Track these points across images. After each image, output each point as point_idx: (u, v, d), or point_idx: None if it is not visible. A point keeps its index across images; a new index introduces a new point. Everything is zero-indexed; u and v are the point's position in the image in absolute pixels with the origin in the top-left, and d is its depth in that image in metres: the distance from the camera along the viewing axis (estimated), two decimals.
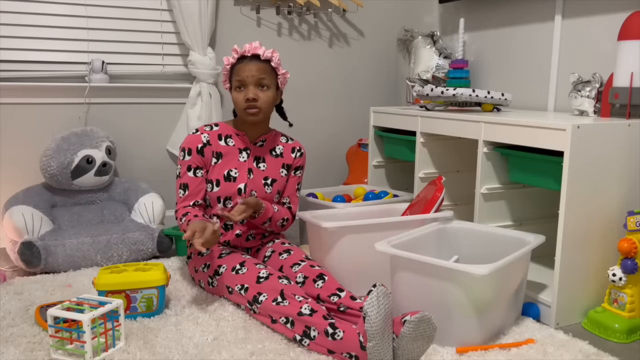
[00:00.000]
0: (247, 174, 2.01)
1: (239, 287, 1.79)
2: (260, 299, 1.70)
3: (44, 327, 1.68)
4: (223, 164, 2.00)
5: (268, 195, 2.04)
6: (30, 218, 2.21)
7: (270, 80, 1.95)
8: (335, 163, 3.23)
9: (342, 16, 3.10)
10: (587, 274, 1.83)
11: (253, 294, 1.73)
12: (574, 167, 1.73)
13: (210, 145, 1.99)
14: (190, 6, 2.61)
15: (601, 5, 2.19)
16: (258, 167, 2.03)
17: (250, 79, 1.91)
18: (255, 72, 1.91)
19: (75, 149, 2.37)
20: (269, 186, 2.03)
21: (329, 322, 1.54)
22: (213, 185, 1.98)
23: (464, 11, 2.88)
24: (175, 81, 2.81)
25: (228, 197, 1.99)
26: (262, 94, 1.94)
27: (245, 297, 1.76)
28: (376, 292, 1.41)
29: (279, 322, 1.64)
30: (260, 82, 1.93)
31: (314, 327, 1.56)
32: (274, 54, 1.95)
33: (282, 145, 2.10)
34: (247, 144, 2.05)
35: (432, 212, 2.04)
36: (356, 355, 1.47)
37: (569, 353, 1.60)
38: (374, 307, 1.40)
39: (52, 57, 2.55)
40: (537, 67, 2.49)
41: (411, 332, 1.42)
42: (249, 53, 1.93)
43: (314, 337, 1.55)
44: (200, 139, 1.99)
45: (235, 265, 1.84)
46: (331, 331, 1.52)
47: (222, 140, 2.02)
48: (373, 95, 3.26)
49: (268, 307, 1.67)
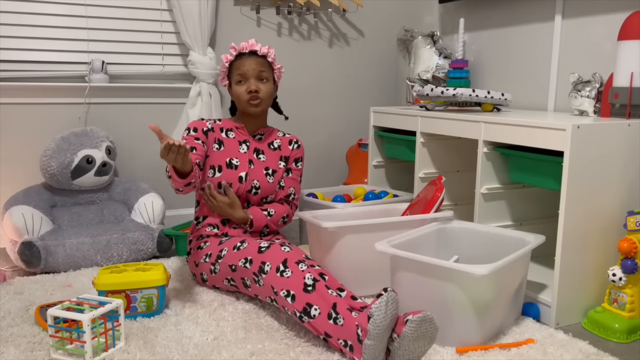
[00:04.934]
0: (248, 164, 2.07)
1: (243, 261, 1.80)
2: (265, 268, 1.72)
3: (44, 327, 1.68)
4: (224, 152, 2.06)
5: (270, 185, 2.09)
6: (30, 218, 2.21)
7: (268, 74, 2.06)
8: (335, 163, 3.23)
9: (342, 16, 3.11)
10: (587, 274, 1.83)
11: (258, 264, 1.75)
12: (574, 167, 1.73)
13: (213, 131, 2.09)
14: (190, 6, 2.61)
15: (601, 5, 2.19)
16: (258, 158, 2.10)
17: (251, 72, 2.01)
18: (255, 66, 2.02)
19: (75, 149, 2.37)
20: (270, 176, 2.09)
21: (333, 301, 1.55)
22: (215, 171, 2.04)
23: (464, 11, 2.88)
24: (175, 81, 2.81)
25: (229, 184, 2.04)
26: (262, 86, 2.04)
27: (251, 269, 1.77)
28: (386, 297, 1.42)
29: (280, 295, 1.65)
30: (260, 75, 2.03)
31: (316, 306, 1.56)
32: (270, 50, 2.06)
33: (279, 139, 2.18)
34: (246, 137, 2.12)
35: (432, 212, 2.04)
36: (351, 345, 1.48)
37: (569, 353, 1.60)
38: (382, 311, 1.41)
39: (52, 57, 2.55)
40: (537, 67, 2.49)
41: (413, 331, 1.42)
42: (247, 49, 2.04)
43: (314, 316, 1.56)
44: (205, 124, 2.09)
45: (236, 244, 1.87)
46: (334, 315, 1.53)
47: (223, 133, 2.11)
48: (373, 95, 3.26)
49: (272, 278, 1.69)
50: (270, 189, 2.09)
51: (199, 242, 2.05)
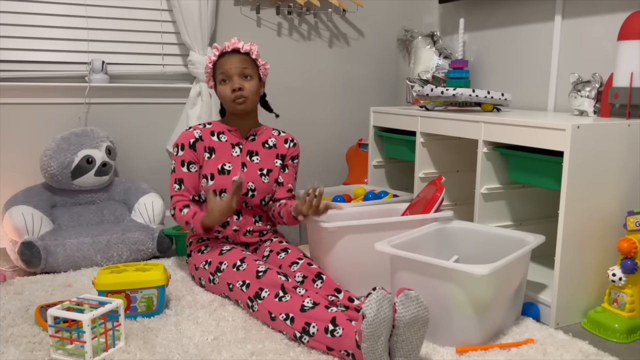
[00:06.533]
0: (241, 167, 2.05)
1: (240, 283, 1.80)
2: (263, 295, 1.71)
3: (44, 327, 1.68)
4: (217, 159, 2.04)
5: (266, 185, 2.07)
6: (30, 218, 2.21)
7: (252, 71, 2.02)
8: (335, 163, 3.23)
9: (342, 16, 3.11)
10: (587, 274, 1.83)
11: (255, 289, 1.74)
12: (573, 167, 1.73)
13: (202, 140, 2.06)
14: (190, 6, 2.61)
15: (601, 5, 2.19)
16: (252, 160, 2.08)
17: (233, 70, 1.99)
18: (238, 64, 2.00)
19: (75, 149, 2.37)
20: (265, 176, 2.07)
21: (331, 317, 1.55)
22: (208, 180, 2.02)
23: (464, 11, 2.88)
24: (175, 81, 2.81)
25: (223, 190, 2.02)
26: (246, 84, 2.01)
27: (247, 293, 1.76)
28: (376, 295, 1.40)
29: (279, 319, 1.64)
30: (243, 72, 2.00)
31: (314, 324, 1.56)
32: (253, 47, 2.04)
33: (274, 137, 2.15)
34: (239, 139, 2.10)
35: (432, 212, 2.04)
36: (353, 353, 1.47)
37: (568, 353, 1.60)
38: (373, 309, 1.38)
39: (52, 57, 2.55)
40: (537, 67, 2.49)
41: (403, 312, 1.39)
42: (229, 48, 2.03)
43: (313, 334, 1.55)
44: (192, 134, 2.06)
45: (236, 262, 1.86)
46: (331, 328, 1.52)
47: (215, 136, 2.08)
48: (373, 95, 3.26)
49: (270, 303, 1.68)
50: (266, 189, 2.07)
51: (200, 244, 2.05)
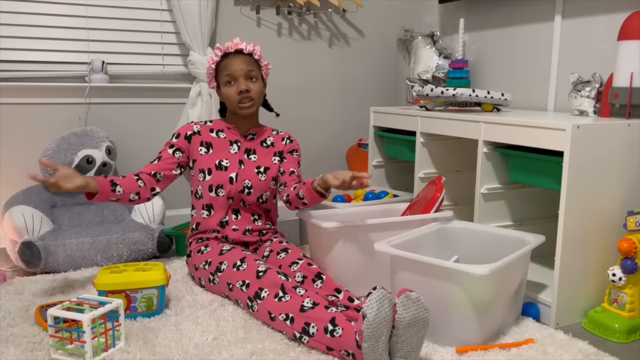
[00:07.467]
0: (239, 164, 2.05)
1: (240, 283, 1.80)
2: (262, 295, 1.71)
3: (44, 327, 1.68)
4: (214, 154, 2.05)
5: (263, 183, 2.06)
6: (30, 218, 2.21)
7: (256, 72, 2.02)
8: (335, 163, 3.23)
9: (342, 16, 3.10)
10: (587, 274, 1.83)
11: (255, 289, 1.74)
12: (573, 167, 1.73)
13: (199, 135, 2.07)
14: (190, 6, 2.61)
15: (601, 5, 2.19)
16: (249, 158, 2.07)
17: (239, 72, 1.97)
18: (243, 65, 1.98)
19: (75, 149, 2.37)
20: (262, 174, 2.06)
21: (330, 317, 1.55)
22: (205, 174, 2.02)
23: (464, 11, 2.88)
24: (175, 81, 2.81)
25: (220, 186, 2.02)
26: (252, 85, 2.00)
27: (247, 293, 1.76)
28: (376, 295, 1.40)
29: (278, 319, 1.64)
30: (249, 74, 1.99)
31: (313, 324, 1.56)
32: (255, 47, 2.03)
33: (272, 137, 2.15)
34: (237, 137, 2.10)
35: (432, 212, 2.04)
36: (353, 353, 1.47)
37: (568, 353, 1.60)
38: (374, 309, 1.38)
39: (52, 57, 2.55)
40: (537, 67, 2.49)
41: (403, 312, 1.39)
42: (232, 49, 2.01)
43: (313, 334, 1.55)
44: (191, 127, 2.09)
45: (236, 262, 1.86)
46: (331, 328, 1.52)
47: (214, 133, 2.09)
48: (373, 95, 3.26)
49: (270, 303, 1.68)
50: (263, 186, 2.06)
51: (199, 245, 2.04)
